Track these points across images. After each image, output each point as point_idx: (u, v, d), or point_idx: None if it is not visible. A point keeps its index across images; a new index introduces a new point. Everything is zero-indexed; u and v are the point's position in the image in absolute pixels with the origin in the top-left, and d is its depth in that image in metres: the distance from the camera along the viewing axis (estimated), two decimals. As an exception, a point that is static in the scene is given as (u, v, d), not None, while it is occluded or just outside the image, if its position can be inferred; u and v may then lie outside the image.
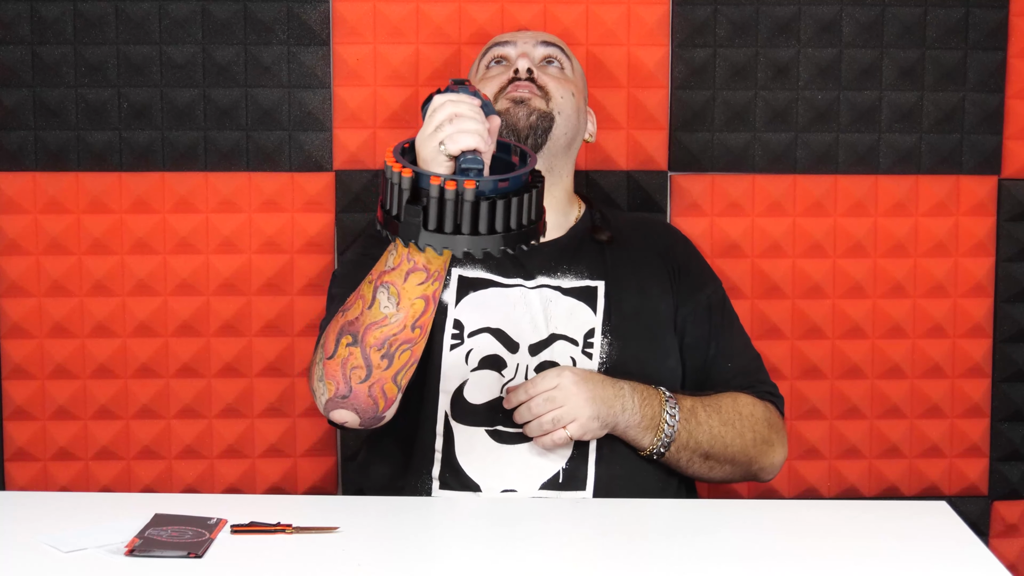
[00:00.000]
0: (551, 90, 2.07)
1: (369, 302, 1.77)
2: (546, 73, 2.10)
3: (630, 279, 2.06)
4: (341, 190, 2.36)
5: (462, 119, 1.68)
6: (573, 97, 2.09)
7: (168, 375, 2.38)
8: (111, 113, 2.33)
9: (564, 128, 2.07)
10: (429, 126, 1.70)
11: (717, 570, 1.59)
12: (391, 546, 1.67)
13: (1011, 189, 2.41)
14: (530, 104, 2.04)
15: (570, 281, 2.05)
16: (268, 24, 2.32)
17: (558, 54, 2.13)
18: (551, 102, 2.06)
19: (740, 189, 2.39)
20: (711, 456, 1.98)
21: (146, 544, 1.62)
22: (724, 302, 2.14)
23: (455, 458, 1.95)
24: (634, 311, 2.03)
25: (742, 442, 2.00)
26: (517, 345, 2.00)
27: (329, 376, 1.82)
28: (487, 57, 2.14)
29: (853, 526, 1.74)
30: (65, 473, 2.39)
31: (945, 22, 2.37)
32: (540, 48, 2.13)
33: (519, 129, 2.03)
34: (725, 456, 1.99)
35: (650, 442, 1.94)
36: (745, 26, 2.36)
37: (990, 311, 2.43)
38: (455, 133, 1.67)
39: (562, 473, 1.94)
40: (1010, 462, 2.47)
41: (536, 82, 2.06)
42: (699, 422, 1.96)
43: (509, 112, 2.03)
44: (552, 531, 1.75)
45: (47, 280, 2.34)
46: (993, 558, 1.62)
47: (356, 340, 1.78)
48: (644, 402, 1.93)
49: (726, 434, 1.98)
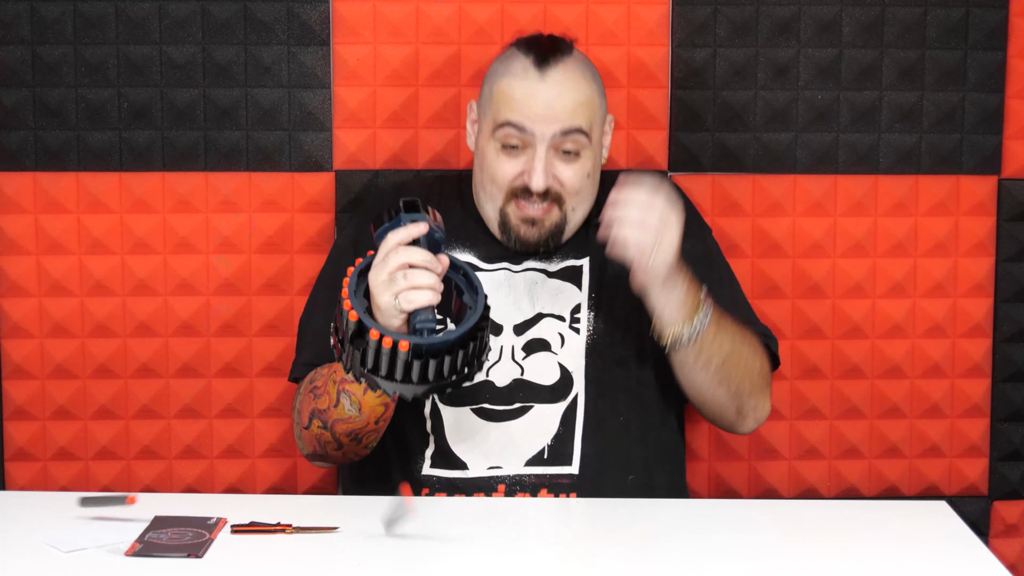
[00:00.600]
0: (566, 195, 2.01)
1: (335, 402, 1.91)
2: (562, 168, 2.00)
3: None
4: (341, 190, 2.36)
5: (415, 274, 1.74)
6: (588, 177, 2.03)
7: (168, 375, 2.37)
8: (111, 113, 2.32)
9: (580, 213, 2.05)
10: (382, 271, 1.76)
11: (717, 570, 1.59)
12: (391, 546, 1.67)
13: (1011, 189, 2.41)
14: (543, 224, 2.01)
15: (556, 263, 2.07)
16: (268, 24, 2.32)
17: (576, 140, 2.00)
18: (565, 204, 2.02)
19: (740, 189, 2.39)
20: (723, 368, 1.97)
21: (146, 548, 1.62)
22: (711, 254, 2.13)
23: (444, 438, 1.98)
24: (618, 282, 2.02)
25: (748, 368, 2.00)
26: (500, 327, 2.03)
27: (306, 441, 1.99)
28: (500, 135, 2.00)
29: (853, 526, 1.74)
30: (65, 473, 2.39)
31: (945, 22, 2.37)
32: (558, 138, 1.99)
33: (530, 245, 2.03)
34: (734, 375, 1.98)
35: (679, 329, 1.92)
36: (745, 26, 2.36)
37: (990, 311, 2.43)
38: (409, 291, 1.74)
39: (547, 450, 1.97)
40: (1010, 462, 2.47)
41: (550, 193, 2.00)
42: (722, 330, 1.96)
43: (519, 229, 2.02)
44: (553, 531, 1.76)
45: (47, 280, 2.34)
46: (993, 558, 1.62)
47: (326, 426, 1.94)
48: (689, 289, 1.92)
49: (742, 351, 1.99)
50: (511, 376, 2.01)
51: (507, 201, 2.02)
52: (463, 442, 1.99)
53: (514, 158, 2.00)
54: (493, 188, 2.03)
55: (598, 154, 2.07)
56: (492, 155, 2.02)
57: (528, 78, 2.00)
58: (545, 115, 1.98)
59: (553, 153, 1.99)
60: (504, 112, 2.00)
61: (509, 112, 1.99)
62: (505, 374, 2.01)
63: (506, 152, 2.01)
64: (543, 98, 1.99)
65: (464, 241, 2.10)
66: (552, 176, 1.99)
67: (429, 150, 2.35)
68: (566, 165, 2.00)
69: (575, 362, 2.02)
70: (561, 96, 1.99)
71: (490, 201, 2.04)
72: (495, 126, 2.01)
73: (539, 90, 1.99)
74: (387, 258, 1.76)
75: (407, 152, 2.36)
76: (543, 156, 1.98)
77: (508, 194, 2.01)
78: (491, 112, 2.03)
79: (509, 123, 1.99)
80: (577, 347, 2.03)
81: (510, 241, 2.04)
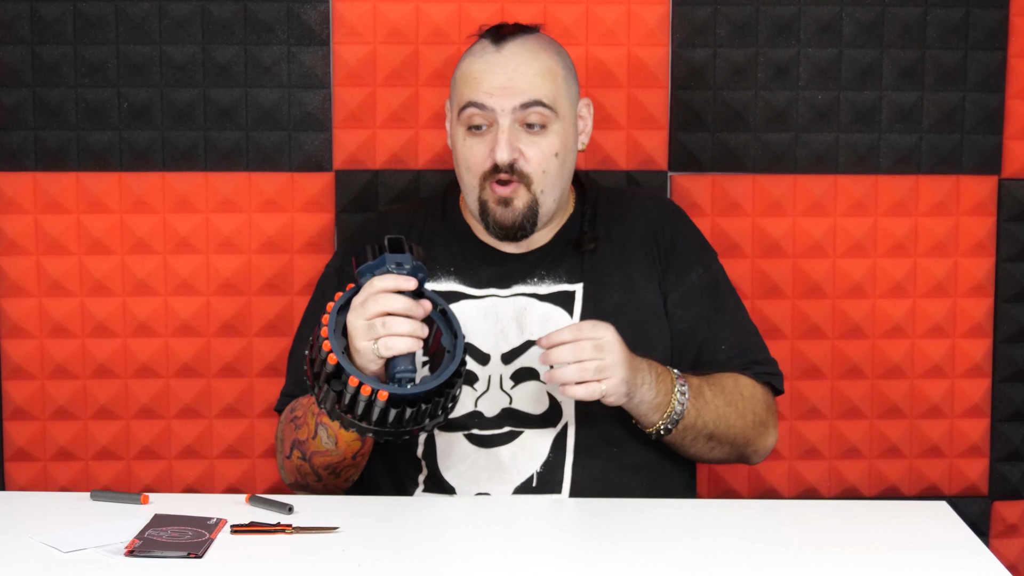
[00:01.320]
0: (532, 171, 1.96)
1: (312, 433, 1.90)
2: (527, 143, 1.97)
3: (612, 277, 2.03)
4: (341, 190, 2.36)
5: (395, 322, 1.72)
6: (556, 157, 1.98)
7: (168, 375, 2.38)
8: (111, 113, 2.33)
9: (551, 196, 2.00)
10: (361, 316, 1.74)
11: (717, 570, 1.59)
12: (391, 546, 1.67)
13: (1011, 189, 2.41)
14: (515, 205, 1.97)
15: (547, 287, 2.03)
16: (268, 24, 2.32)
17: (538, 113, 1.96)
18: (533, 185, 1.97)
19: (740, 189, 2.39)
20: (714, 436, 1.96)
21: (146, 545, 1.62)
22: (717, 281, 2.09)
23: (435, 463, 1.96)
24: (615, 309, 1.99)
25: (743, 423, 1.98)
26: (487, 357, 1.98)
27: (288, 471, 1.99)
28: (464, 117, 1.98)
29: (853, 526, 1.74)
30: (65, 473, 2.39)
31: (945, 22, 2.37)
32: (519, 112, 1.96)
33: (507, 229, 1.99)
34: (727, 437, 1.97)
35: (659, 419, 1.91)
36: (745, 26, 2.36)
37: (990, 311, 2.43)
38: (388, 338, 1.72)
39: (536, 477, 1.93)
40: (1010, 462, 2.47)
41: (516, 168, 1.96)
42: (706, 401, 1.94)
43: (495, 212, 1.98)
44: (554, 531, 1.75)
45: (47, 280, 2.34)
46: (993, 558, 1.62)
47: (305, 458, 1.93)
48: (658, 380, 1.89)
49: (729, 414, 1.96)
50: (500, 406, 1.97)
51: (483, 187, 1.98)
52: (453, 467, 1.95)
53: (481, 139, 1.98)
54: (469, 176, 1.99)
55: (570, 135, 2.01)
56: (461, 140, 2.00)
57: (485, 54, 1.99)
58: (504, 87, 1.96)
59: (519, 128, 1.97)
60: (466, 93, 1.98)
61: (469, 92, 1.98)
62: (494, 404, 1.97)
63: (472, 135, 1.98)
64: (499, 70, 1.97)
65: (448, 267, 2.05)
66: (517, 151, 1.96)
67: (429, 150, 2.35)
68: (531, 140, 1.97)
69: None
70: (519, 67, 1.97)
71: (470, 193, 2.00)
72: (459, 110, 1.99)
73: (495, 62, 1.98)
74: (367, 303, 1.74)
75: (407, 152, 2.36)
76: (506, 129, 1.95)
77: (482, 179, 1.98)
78: (455, 98, 2.01)
79: (470, 103, 1.97)
80: None
81: (489, 228, 2.00)
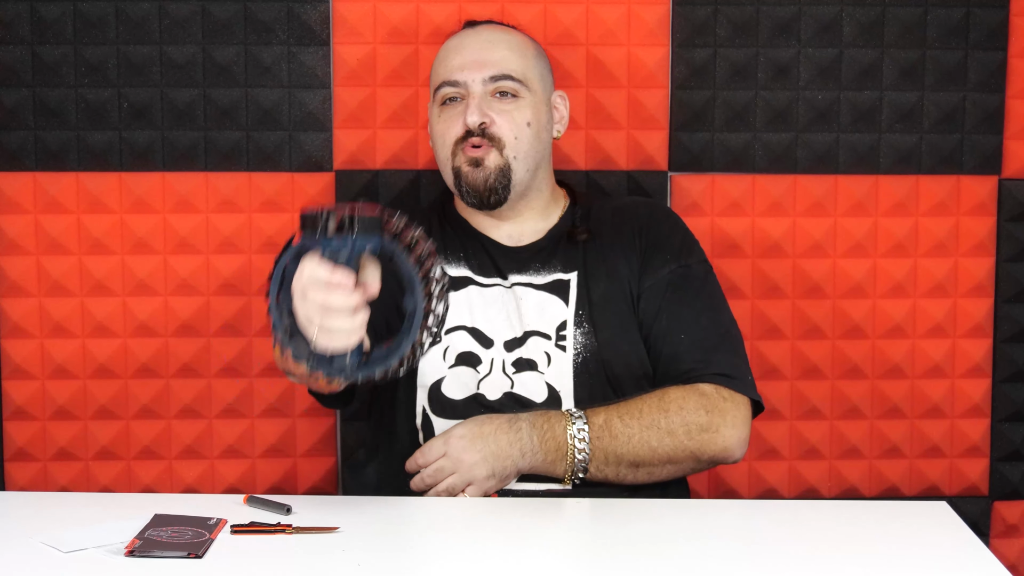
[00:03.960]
0: (503, 135, 2.02)
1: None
2: (498, 111, 2.03)
3: (601, 266, 2.05)
4: (341, 190, 2.36)
5: (332, 316, 1.63)
6: (529, 127, 2.04)
7: (168, 375, 2.38)
8: (111, 113, 2.33)
9: (524, 165, 2.04)
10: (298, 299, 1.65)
11: (717, 570, 1.59)
12: (391, 546, 1.67)
13: (1011, 189, 2.41)
14: (486, 165, 2.01)
15: (543, 277, 2.06)
16: (268, 24, 2.32)
17: (508, 85, 2.04)
18: (506, 149, 2.02)
19: (740, 189, 2.39)
20: (640, 464, 1.94)
21: (146, 545, 1.62)
22: (690, 278, 2.05)
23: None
24: (605, 298, 2.02)
25: (672, 440, 1.94)
26: (491, 341, 2.01)
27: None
28: (439, 95, 2.06)
29: (853, 526, 1.74)
30: (65, 473, 2.39)
31: (945, 22, 2.37)
32: (489, 84, 2.04)
33: (479, 191, 2.03)
34: (656, 459, 1.94)
35: (564, 470, 1.93)
36: (745, 26, 2.36)
37: (990, 311, 2.43)
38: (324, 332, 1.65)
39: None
40: (1010, 462, 2.47)
41: (487, 132, 2.02)
42: (614, 435, 1.93)
43: (467, 175, 2.02)
44: (552, 531, 1.75)
45: (47, 280, 2.34)
46: (993, 558, 1.62)
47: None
48: (546, 435, 1.92)
49: (651, 438, 1.94)
50: (502, 389, 1.99)
51: (455, 155, 2.04)
52: None
53: (453, 110, 2.05)
54: (443, 149, 2.05)
55: (543, 113, 2.08)
56: (436, 118, 2.07)
57: (459, 36, 2.11)
58: (475, 60, 2.05)
59: (490, 99, 2.04)
60: (440, 73, 2.07)
61: (444, 71, 2.06)
62: (496, 387, 1.99)
63: (445, 108, 2.05)
64: (471, 46, 2.07)
65: (459, 253, 2.08)
66: (488, 117, 2.02)
67: (429, 150, 2.35)
68: (502, 108, 2.03)
69: (563, 381, 1.99)
70: (491, 42, 2.07)
71: (445, 166, 2.06)
72: (434, 92, 2.08)
73: (468, 40, 2.09)
74: (305, 290, 1.64)
75: (407, 152, 2.36)
76: (477, 95, 2.03)
77: (454, 147, 2.04)
78: (432, 83, 2.10)
79: (444, 82, 2.05)
80: (564, 366, 2.00)
81: (463, 194, 2.04)
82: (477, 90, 2.03)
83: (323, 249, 1.66)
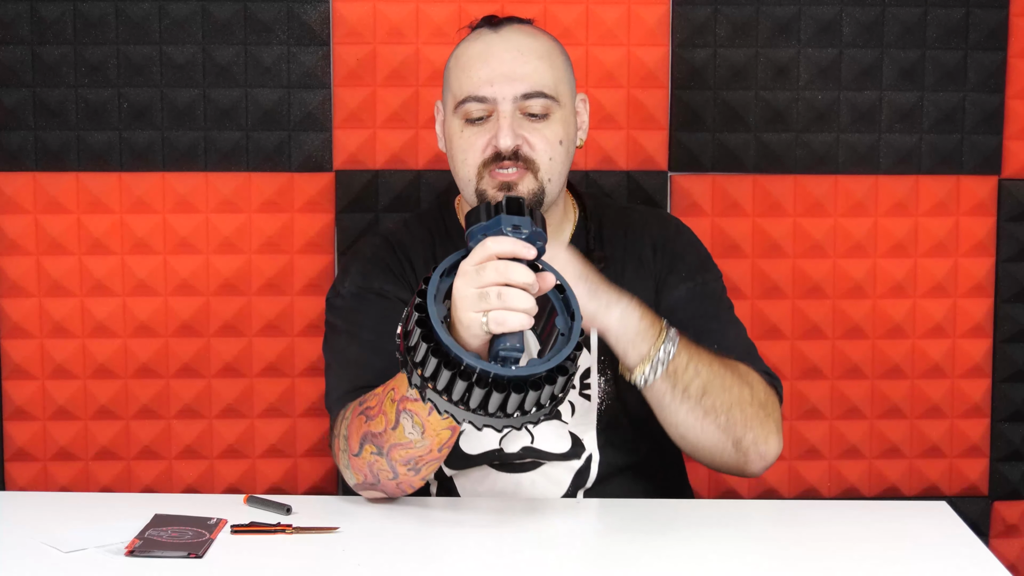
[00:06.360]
0: (538, 158, 1.85)
1: (393, 423, 1.69)
2: (530, 129, 1.86)
3: None
4: (341, 190, 2.36)
5: (511, 294, 1.51)
6: (561, 144, 1.87)
7: (168, 375, 2.38)
8: (111, 113, 2.33)
9: (556, 186, 1.89)
10: (472, 283, 1.53)
11: (717, 570, 1.59)
12: (391, 546, 1.67)
13: (1011, 189, 2.41)
14: (519, 190, 1.85)
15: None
16: (268, 24, 2.32)
17: (541, 104, 1.86)
18: (540, 172, 1.85)
19: (740, 189, 2.39)
20: (708, 395, 1.76)
21: (146, 545, 1.62)
22: (707, 295, 1.96)
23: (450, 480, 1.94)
24: None
25: (740, 392, 1.79)
26: None
27: (356, 469, 1.78)
28: (462, 110, 1.87)
29: (853, 526, 1.74)
30: (65, 473, 2.39)
31: (945, 22, 2.37)
32: (521, 102, 1.85)
33: None
34: (723, 403, 1.77)
35: (643, 356, 1.74)
36: (745, 26, 2.36)
37: (990, 311, 2.43)
38: (502, 312, 1.51)
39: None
40: (1010, 462, 2.47)
41: (520, 154, 1.85)
42: (699, 354, 1.77)
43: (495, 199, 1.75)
44: (551, 531, 1.75)
45: (47, 280, 2.34)
46: (993, 558, 1.62)
47: (381, 452, 1.73)
48: (644, 314, 1.75)
49: (726, 375, 1.78)
50: (520, 444, 1.91)
51: (480, 177, 1.86)
52: (471, 487, 1.93)
53: (480, 127, 1.86)
54: (466, 169, 1.87)
55: (571, 125, 1.91)
56: (458, 133, 1.88)
57: (482, 37, 1.90)
58: (504, 74, 1.85)
59: (520, 116, 1.86)
60: (465, 84, 1.87)
61: (468, 83, 1.87)
62: (515, 442, 1.91)
63: (471, 126, 1.87)
64: (499, 55, 1.87)
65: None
66: (521, 137, 1.85)
67: (429, 150, 2.35)
68: (534, 127, 1.86)
69: (587, 430, 1.91)
70: (521, 52, 1.87)
71: (467, 186, 1.88)
72: (456, 104, 1.88)
73: (495, 43, 1.88)
74: (481, 271, 1.53)
75: (407, 152, 2.36)
76: (508, 115, 1.85)
77: (480, 169, 1.86)
78: (451, 91, 1.90)
79: (469, 97, 1.86)
80: (588, 415, 1.91)
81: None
82: (507, 109, 1.85)
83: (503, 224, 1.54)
